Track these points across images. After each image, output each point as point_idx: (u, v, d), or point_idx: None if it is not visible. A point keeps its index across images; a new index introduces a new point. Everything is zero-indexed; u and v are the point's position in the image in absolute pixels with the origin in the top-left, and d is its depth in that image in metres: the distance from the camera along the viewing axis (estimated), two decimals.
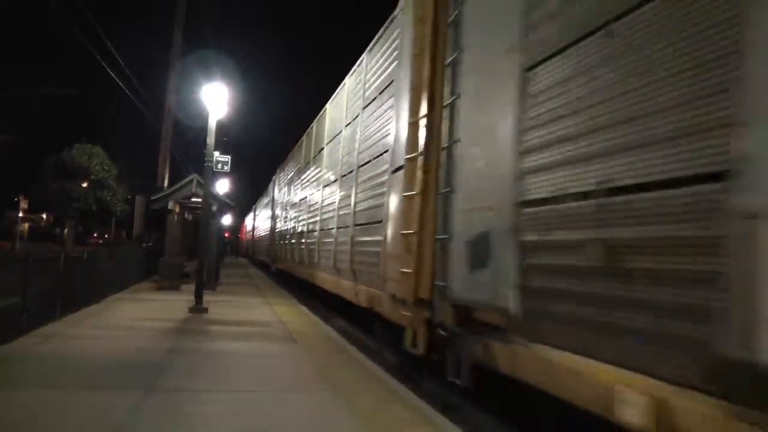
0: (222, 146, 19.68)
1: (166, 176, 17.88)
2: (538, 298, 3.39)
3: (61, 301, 8.17)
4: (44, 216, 46.92)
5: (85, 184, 33.33)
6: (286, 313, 10.62)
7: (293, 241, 15.24)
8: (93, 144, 33.86)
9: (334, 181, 10.39)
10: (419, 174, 5.14)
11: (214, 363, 5.91)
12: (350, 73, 9.77)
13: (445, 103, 4.95)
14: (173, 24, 18.06)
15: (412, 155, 5.41)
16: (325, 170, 11.61)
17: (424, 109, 5.22)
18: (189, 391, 4.74)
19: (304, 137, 15.41)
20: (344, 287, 8.76)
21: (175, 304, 10.56)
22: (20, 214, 37.61)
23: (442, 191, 4.80)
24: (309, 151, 14.32)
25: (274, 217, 22.11)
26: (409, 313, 5.11)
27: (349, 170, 9.09)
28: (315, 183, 12.66)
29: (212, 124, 10.46)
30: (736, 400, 2.13)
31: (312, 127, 14.10)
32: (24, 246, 30.62)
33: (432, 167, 5.04)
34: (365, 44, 8.56)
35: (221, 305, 10.90)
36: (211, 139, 10.46)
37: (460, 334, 4.37)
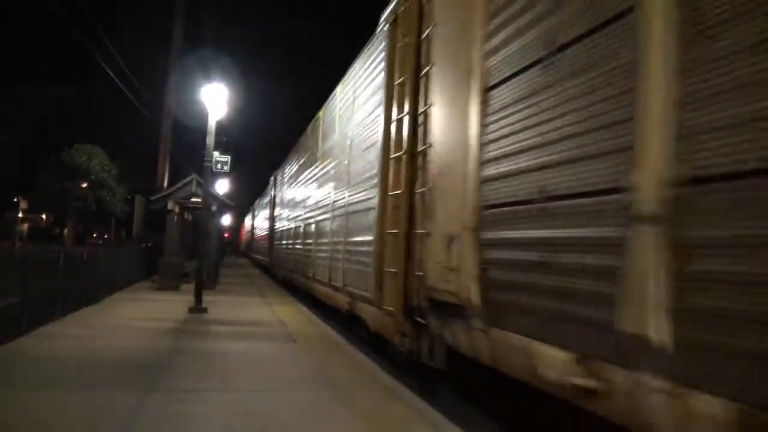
0: (222, 146, 19.68)
1: (166, 176, 17.89)
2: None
3: (61, 301, 8.18)
4: (44, 216, 46.90)
5: (84, 184, 33.36)
6: (286, 313, 10.63)
7: (289, 242, 15.24)
8: (92, 144, 33.89)
9: (329, 182, 10.42)
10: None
11: (214, 363, 5.91)
12: (345, 76, 9.81)
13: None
14: (173, 23, 18.07)
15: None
16: (318, 172, 11.63)
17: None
18: (189, 390, 4.75)
19: (300, 139, 15.41)
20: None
21: (175, 304, 10.56)
22: (20, 215, 37.62)
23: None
24: (304, 153, 14.35)
25: (272, 218, 22.10)
26: None
27: (344, 173, 9.15)
28: (309, 185, 12.68)
29: (212, 124, 10.46)
30: None
31: (308, 129, 14.11)
32: (23, 246, 30.62)
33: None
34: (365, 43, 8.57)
35: (221, 305, 10.90)
36: (210, 139, 10.46)
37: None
